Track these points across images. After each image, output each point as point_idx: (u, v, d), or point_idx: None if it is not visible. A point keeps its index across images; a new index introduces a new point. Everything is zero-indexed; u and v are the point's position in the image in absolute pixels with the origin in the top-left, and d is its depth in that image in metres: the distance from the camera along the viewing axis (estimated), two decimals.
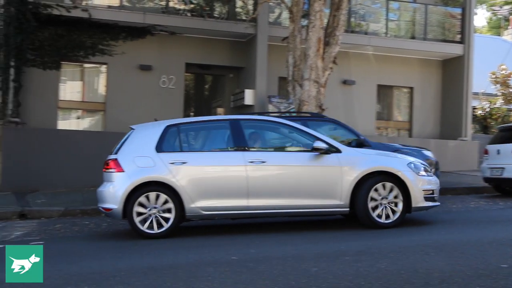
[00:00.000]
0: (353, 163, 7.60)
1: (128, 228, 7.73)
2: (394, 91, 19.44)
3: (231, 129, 7.79)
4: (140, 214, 7.38)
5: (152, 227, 7.38)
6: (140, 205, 7.38)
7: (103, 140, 12.66)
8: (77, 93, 16.45)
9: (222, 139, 8.10)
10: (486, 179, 12.39)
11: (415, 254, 5.68)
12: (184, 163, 7.51)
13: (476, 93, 21.70)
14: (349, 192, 7.53)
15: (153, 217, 7.38)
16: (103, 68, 16.35)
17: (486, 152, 12.60)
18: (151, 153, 7.58)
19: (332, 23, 12.87)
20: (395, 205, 7.59)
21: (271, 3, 16.46)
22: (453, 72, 18.85)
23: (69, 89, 16.46)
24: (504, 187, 12.33)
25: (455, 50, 18.56)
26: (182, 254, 6.35)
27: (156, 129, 7.83)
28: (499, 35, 35.88)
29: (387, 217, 7.55)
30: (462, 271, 4.91)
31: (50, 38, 15.22)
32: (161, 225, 7.40)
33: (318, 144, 7.57)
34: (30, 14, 14.11)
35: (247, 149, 7.64)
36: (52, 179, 13.17)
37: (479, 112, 22.43)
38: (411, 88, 19.23)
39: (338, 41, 12.84)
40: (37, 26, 14.37)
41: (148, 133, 7.85)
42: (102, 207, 7.71)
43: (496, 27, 41.94)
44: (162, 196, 7.41)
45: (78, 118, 16.74)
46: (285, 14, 16.35)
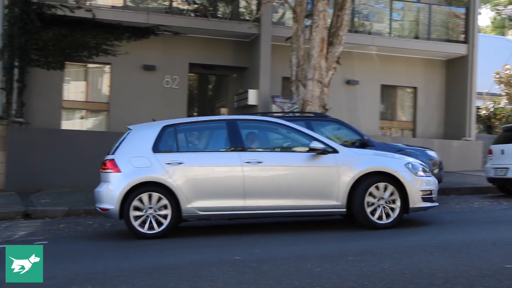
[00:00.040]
0: (350, 164, 7.56)
1: None
2: (398, 91, 19.41)
3: (228, 130, 7.78)
4: (137, 215, 7.39)
5: (149, 227, 7.38)
6: (137, 206, 7.39)
7: (107, 140, 12.54)
8: (81, 93, 16.49)
9: (219, 140, 8.10)
10: (490, 179, 12.36)
11: (419, 254, 5.67)
12: (181, 164, 7.50)
13: (480, 93, 21.66)
14: (346, 193, 7.49)
15: (150, 218, 7.39)
16: (107, 68, 16.38)
17: (490, 152, 12.58)
18: (148, 154, 7.58)
19: (336, 23, 12.86)
20: (393, 206, 7.53)
21: (275, 3, 16.46)
22: (457, 72, 18.82)
23: (73, 89, 16.49)
24: (508, 187, 12.30)
25: (459, 50, 18.53)
26: (186, 254, 6.36)
27: (153, 130, 7.84)
28: (503, 35, 35.83)
29: (384, 218, 7.49)
30: (466, 271, 4.91)
31: (54, 38, 15.26)
32: (158, 226, 7.40)
33: (315, 145, 7.55)
34: (34, 15, 14.15)
35: (244, 150, 7.62)
36: (56, 179, 13.20)
37: (483, 112, 22.39)
38: (415, 88, 19.21)
39: (342, 41, 12.83)
40: (41, 27, 14.41)
41: (145, 134, 7.86)
42: (99, 208, 7.72)
43: (500, 27, 41.84)
44: (159, 197, 7.42)
45: (82, 118, 16.77)
46: (289, 14, 16.35)
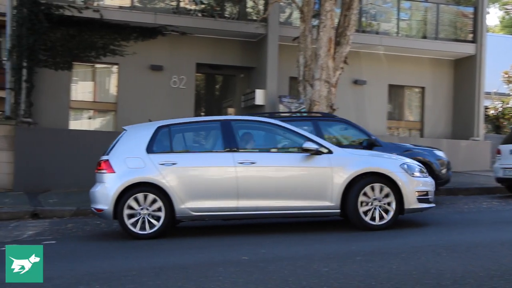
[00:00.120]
0: (344, 164, 7.49)
1: None
2: (406, 91, 19.35)
3: (222, 130, 7.75)
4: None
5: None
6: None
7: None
8: (89, 93, 16.55)
9: (213, 140, 8.09)
10: (499, 180, 12.28)
11: (427, 255, 5.64)
12: (174, 164, 7.49)
13: (489, 93, 21.53)
14: (340, 194, 7.42)
15: (143, 218, 7.40)
16: (115, 69, 16.43)
17: (499, 152, 12.50)
18: (142, 154, 7.58)
19: (343, 23, 12.84)
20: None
21: (282, 3, 16.45)
22: (465, 72, 18.74)
23: (81, 90, 16.56)
24: None
25: (467, 50, 18.45)
26: (193, 254, 6.36)
27: (148, 130, 7.84)
28: None
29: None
30: (475, 272, 4.88)
31: (62, 39, 15.33)
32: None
33: (308, 145, 7.49)
34: (43, 15, 14.23)
35: (237, 150, 7.57)
36: (64, 179, 13.24)
37: (492, 112, 22.27)
38: (423, 88, 19.14)
39: (349, 41, 12.80)
40: (49, 27, 14.48)
41: (140, 134, 7.86)
42: (94, 208, 7.74)
43: (509, 26, 41.58)
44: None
45: (90, 118, 16.83)
46: (296, 14, 16.34)
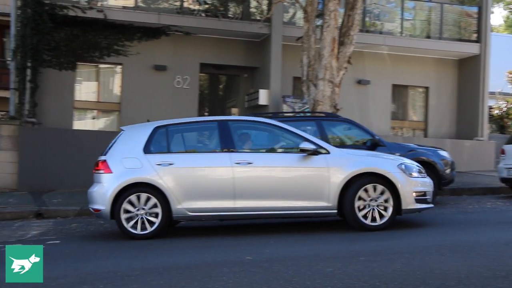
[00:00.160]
0: (342, 164, 7.47)
1: None
2: (409, 91, 19.31)
3: (219, 130, 7.75)
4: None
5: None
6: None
7: None
8: (93, 94, 16.58)
9: (210, 140, 8.11)
10: (503, 180, 12.24)
11: (431, 255, 5.63)
12: (171, 164, 7.50)
13: (493, 93, 21.50)
14: (337, 194, 7.40)
15: (140, 218, 7.42)
16: (118, 69, 16.45)
17: (503, 152, 12.46)
18: (139, 155, 7.60)
19: (347, 23, 12.81)
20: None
21: (286, 3, 16.43)
22: (469, 72, 18.69)
23: (85, 90, 16.59)
24: None
25: (471, 49, 18.40)
26: (197, 254, 6.37)
27: (145, 131, 7.85)
28: None
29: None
30: (479, 272, 4.87)
31: (66, 39, 15.36)
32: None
33: (305, 145, 7.48)
34: (47, 15, 14.25)
35: (234, 150, 7.57)
36: (68, 179, 13.27)
37: (496, 112, 22.22)
38: (427, 88, 19.10)
39: (353, 41, 12.78)
40: (53, 27, 14.52)
41: (137, 135, 7.88)
42: (92, 208, 7.77)
43: None
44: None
45: (94, 118, 16.86)
46: (300, 14, 16.33)
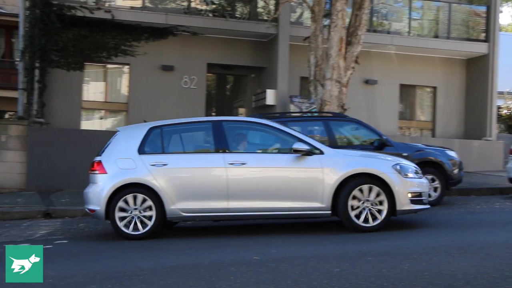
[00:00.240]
0: (335, 165, 7.42)
1: None
2: (417, 91, 19.25)
3: (213, 131, 7.74)
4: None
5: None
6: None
7: None
8: (100, 94, 16.63)
9: (204, 141, 8.12)
10: None
11: (439, 255, 5.61)
12: (165, 165, 7.51)
13: (501, 92, 21.37)
14: (331, 195, 7.35)
15: (135, 219, 7.44)
16: (126, 69, 16.50)
17: (511, 152, 12.40)
18: (133, 155, 7.62)
19: (354, 23, 12.79)
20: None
21: (293, 3, 16.43)
22: (478, 71, 18.61)
23: (92, 90, 16.66)
24: None
25: (480, 49, 18.32)
26: (204, 254, 6.37)
27: (140, 131, 7.86)
28: None
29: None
30: (488, 273, 4.84)
31: (74, 40, 15.42)
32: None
33: (298, 146, 7.44)
34: (55, 16, 14.33)
35: (228, 151, 7.56)
36: (76, 179, 13.25)
37: (504, 112, 22.11)
38: (435, 88, 19.03)
39: (360, 41, 12.75)
40: (61, 28, 14.59)
41: (132, 135, 7.89)
42: (87, 208, 7.80)
43: None
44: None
45: (101, 118, 16.92)
46: (307, 14, 16.31)
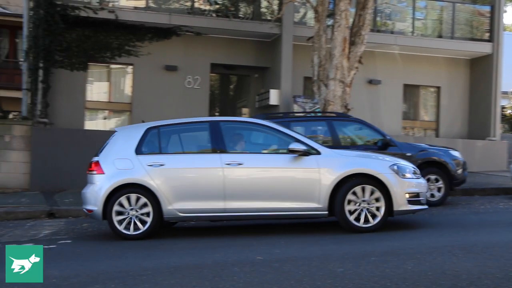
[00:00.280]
0: (332, 165, 7.41)
1: None
2: (421, 91, 19.22)
3: (210, 131, 7.75)
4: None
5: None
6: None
7: None
8: (104, 94, 16.66)
9: (201, 141, 8.12)
10: None
11: (443, 255, 5.60)
12: (162, 165, 7.52)
13: (505, 92, 21.34)
14: (328, 195, 7.34)
15: (132, 219, 7.46)
16: (129, 69, 16.52)
17: None
18: (131, 155, 7.64)
19: (358, 23, 12.77)
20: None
21: (296, 3, 16.42)
22: (482, 71, 18.56)
23: (96, 90, 16.68)
24: None
25: (484, 49, 18.27)
26: (207, 254, 6.37)
27: (137, 132, 7.88)
28: None
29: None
30: (492, 273, 4.83)
31: (78, 40, 15.44)
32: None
33: (295, 146, 7.43)
34: (58, 16, 14.36)
35: (225, 151, 7.56)
36: (80, 179, 13.10)
37: (508, 112, 22.09)
38: (438, 88, 18.98)
39: (364, 41, 12.74)
40: (65, 28, 14.61)
41: (130, 136, 7.91)
42: (85, 208, 7.82)
43: None
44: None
45: (105, 119, 16.94)
46: (310, 14, 16.30)
